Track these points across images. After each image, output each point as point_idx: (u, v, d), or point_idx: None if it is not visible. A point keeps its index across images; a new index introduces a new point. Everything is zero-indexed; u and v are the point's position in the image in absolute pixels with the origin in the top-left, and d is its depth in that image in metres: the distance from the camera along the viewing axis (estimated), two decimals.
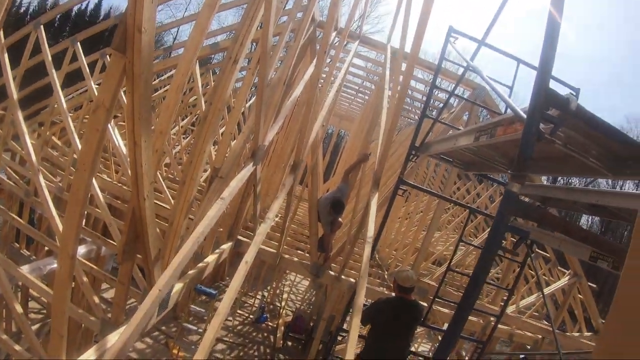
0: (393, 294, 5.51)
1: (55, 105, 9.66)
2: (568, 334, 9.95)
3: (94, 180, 5.74)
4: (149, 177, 3.47)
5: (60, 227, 5.91)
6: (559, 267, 11.77)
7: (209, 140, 4.52)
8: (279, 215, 10.31)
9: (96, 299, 4.52)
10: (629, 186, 33.80)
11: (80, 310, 4.85)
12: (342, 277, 8.32)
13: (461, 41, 6.25)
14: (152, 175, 3.56)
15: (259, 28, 5.26)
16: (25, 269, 5.46)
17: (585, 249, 3.07)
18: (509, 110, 3.17)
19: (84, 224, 7.83)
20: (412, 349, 6.58)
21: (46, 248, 8.71)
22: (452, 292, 9.65)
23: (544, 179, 7.71)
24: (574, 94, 5.07)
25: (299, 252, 10.41)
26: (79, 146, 8.19)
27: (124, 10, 2.81)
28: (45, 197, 6.36)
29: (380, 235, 6.53)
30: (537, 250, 8.86)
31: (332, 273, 8.45)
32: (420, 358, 6.92)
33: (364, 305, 5.53)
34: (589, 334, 10.01)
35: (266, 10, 4.43)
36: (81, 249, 6.40)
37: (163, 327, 10.74)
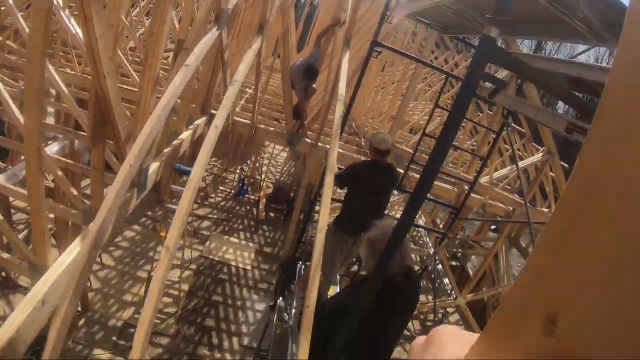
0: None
1: (3, 7, 8.79)
2: (538, 208, 10.38)
3: (56, 75, 5.43)
4: (107, 54, 3.23)
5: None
6: (533, 144, 11.95)
7: (170, 8, 4.18)
8: (251, 86, 10.08)
9: (74, 191, 4.44)
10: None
11: (61, 206, 4.80)
12: (319, 144, 8.36)
13: None
14: (110, 51, 3.31)
15: None
16: (0, 178, 5.31)
17: (562, 120, 3.02)
18: None
19: (54, 122, 7.60)
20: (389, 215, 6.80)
21: (22, 157, 8.50)
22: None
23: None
24: None
25: (275, 122, 10.35)
26: None
27: None
28: (7, 103, 6.02)
29: (354, 99, 6.40)
30: (512, 125, 8.91)
31: (308, 141, 8.47)
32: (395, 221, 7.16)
33: (339, 169, 5.58)
34: None
35: None
36: (54, 147, 6.24)
37: (149, 212, 10.91)
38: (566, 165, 10.59)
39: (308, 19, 29.93)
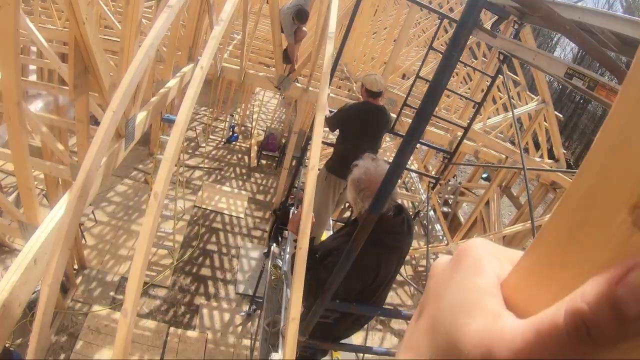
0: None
1: None
2: (530, 157, 10.36)
3: (36, 31, 5.20)
4: None
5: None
6: (528, 92, 11.80)
7: None
8: (239, 33, 9.83)
9: (60, 146, 4.34)
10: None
11: (48, 162, 4.70)
12: (310, 88, 8.22)
13: None
14: None
15: None
16: None
17: (561, 65, 2.93)
18: None
19: (37, 78, 7.38)
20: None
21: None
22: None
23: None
24: None
25: (265, 67, 10.16)
26: None
27: None
28: None
29: (345, 43, 6.22)
30: (507, 73, 8.76)
31: (299, 85, 8.33)
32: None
33: (331, 111, 5.51)
34: (550, 161, 10.42)
35: None
36: (38, 104, 6.07)
37: (140, 166, 10.82)
38: (560, 116, 10.52)
39: None
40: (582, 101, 31.44)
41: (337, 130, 5.38)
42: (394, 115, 6.47)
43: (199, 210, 10.13)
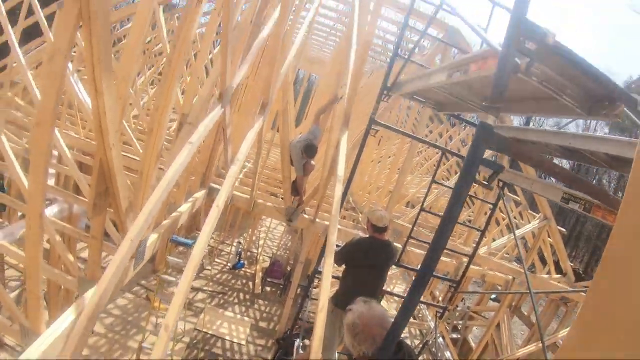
0: (367, 235, 5.54)
1: (14, 64, 9.16)
2: (538, 275, 10.31)
3: (60, 138, 5.55)
4: (114, 126, 3.34)
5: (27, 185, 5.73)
6: (529, 211, 12.04)
7: (175, 84, 4.36)
8: (251, 160, 10.24)
9: (71, 257, 4.43)
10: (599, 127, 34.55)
11: (57, 271, 4.77)
12: (317, 220, 8.37)
13: None
14: (117, 123, 3.42)
15: None
16: None
17: (557, 190, 3.08)
18: (483, 46, 3.10)
19: (54, 183, 7.67)
20: (387, 289, 6.71)
21: (19, 213, 8.51)
22: (426, 234, 9.83)
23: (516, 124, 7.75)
24: (552, 32, 5.03)
25: (273, 197, 10.42)
26: None
27: None
28: (11, 160, 6.13)
29: (352, 177, 6.50)
30: (508, 193, 9.02)
31: (306, 216, 8.49)
32: (395, 297, 7.06)
33: (337, 246, 5.56)
34: (558, 276, 10.38)
35: None
36: (53, 209, 6.27)
37: (143, 281, 10.78)
38: (563, 230, 10.60)
39: (306, 94, 30.88)
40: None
41: (343, 264, 5.43)
42: (399, 246, 6.53)
43: (199, 334, 9.85)
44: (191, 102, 5.49)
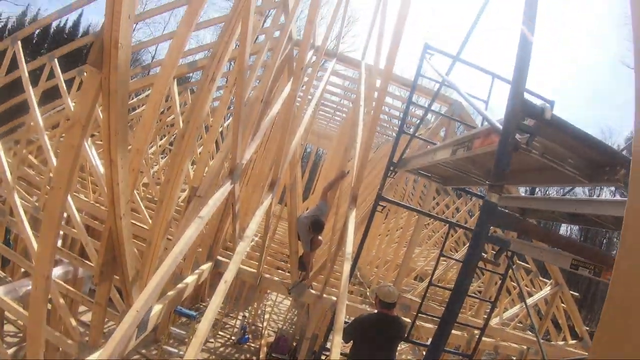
0: (375, 311, 5.47)
1: (32, 123, 9.52)
2: (553, 343, 10.01)
3: (70, 200, 5.65)
4: (126, 196, 3.42)
5: (36, 247, 5.81)
6: (541, 278, 11.86)
7: (187, 159, 4.49)
8: (259, 234, 10.24)
9: (73, 322, 4.41)
10: (605, 193, 34.54)
11: (57, 333, 4.74)
12: (324, 295, 8.27)
13: (438, 57, 6.34)
14: (129, 194, 3.51)
15: (236, 46, 5.27)
16: (0, 290, 5.32)
17: (566, 258, 3.09)
18: (485, 123, 3.21)
19: (60, 244, 7.71)
20: None
21: (22, 269, 8.51)
22: (435, 307, 9.64)
23: (521, 191, 7.80)
24: (549, 106, 5.20)
25: (280, 271, 10.34)
26: (55, 163, 8.07)
27: (101, 26, 2.81)
28: (20, 217, 6.24)
29: (360, 253, 6.51)
30: (518, 261, 8.94)
31: (313, 292, 8.39)
32: None
33: (346, 322, 5.48)
34: (574, 342, 10.07)
35: (242, 29, 4.44)
36: (58, 270, 6.28)
37: (143, 350, 10.51)
38: (577, 295, 10.35)
39: (314, 167, 31.34)
40: None
41: (352, 340, 5.34)
42: (408, 321, 6.42)
43: None
44: (201, 175, 5.62)
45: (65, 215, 7.60)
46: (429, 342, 7.59)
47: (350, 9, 26.76)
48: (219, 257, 7.49)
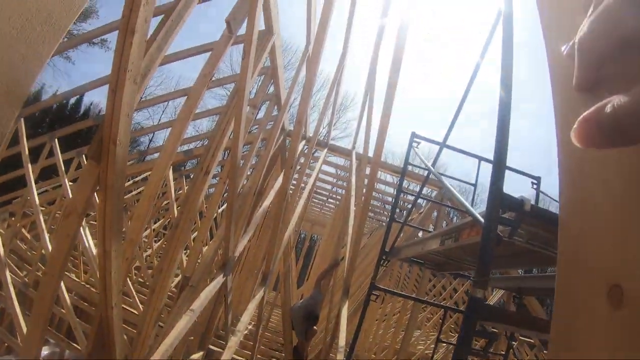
0: None
1: (28, 198, 9.59)
2: None
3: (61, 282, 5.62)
4: (118, 286, 3.43)
5: (23, 324, 5.70)
6: (545, 351, 11.50)
7: (180, 249, 4.53)
8: (252, 322, 10.04)
9: None
10: None
11: None
12: None
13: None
14: (121, 284, 3.53)
15: (230, 137, 5.47)
16: None
17: None
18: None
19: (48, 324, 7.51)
20: None
21: (6, 344, 8.31)
22: None
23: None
24: (536, 182, 5.35)
25: None
26: (48, 243, 8.06)
27: (101, 123, 2.95)
28: (10, 293, 6.16)
29: (356, 341, 6.38)
30: (520, 337, 8.73)
31: None
32: None
33: None
34: None
35: (236, 125, 4.63)
36: (44, 351, 6.13)
37: None
38: None
39: (309, 253, 31.09)
40: None
41: None
42: None
43: None
44: (194, 264, 5.62)
45: (55, 298, 7.50)
46: None
47: (342, 97, 27.86)
48: (211, 347, 7.31)
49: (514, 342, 4.82)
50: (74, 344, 6.57)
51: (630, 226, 0.51)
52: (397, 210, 7.10)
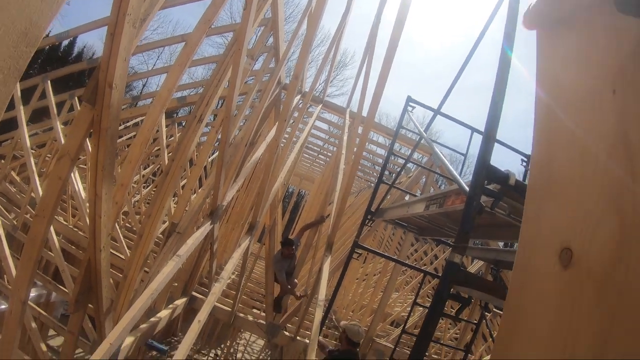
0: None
1: (19, 140, 9.54)
2: None
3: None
4: (107, 229, 3.49)
5: (12, 268, 5.78)
6: None
7: (169, 195, 4.58)
8: (235, 272, 10.20)
9: (43, 347, 4.39)
10: None
11: (26, 357, 4.70)
12: (298, 338, 8.24)
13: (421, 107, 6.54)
14: (110, 227, 3.59)
15: (226, 86, 5.45)
16: None
17: None
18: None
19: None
20: None
21: None
22: (408, 354, 9.61)
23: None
24: (526, 160, 5.40)
25: (255, 310, 10.26)
26: (38, 186, 8.07)
27: (97, 65, 2.94)
28: (2, 241, 6.22)
29: (335, 297, 6.55)
30: (494, 309, 9.02)
31: (287, 334, 8.35)
32: None
33: None
34: None
35: (233, 75, 4.61)
36: (31, 293, 6.23)
37: None
38: None
39: (295, 208, 31.34)
40: None
41: None
42: None
43: None
44: (182, 211, 5.69)
45: (45, 241, 7.55)
46: None
47: (340, 53, 27.46)
48: (194, 293, 7.47)
49: (487, 313, 4.98)
50: (61, 287, 6.66)
51: (585, 191, 0.57)
52: (387, 172, 7.13)
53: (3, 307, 7.03)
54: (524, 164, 5.47)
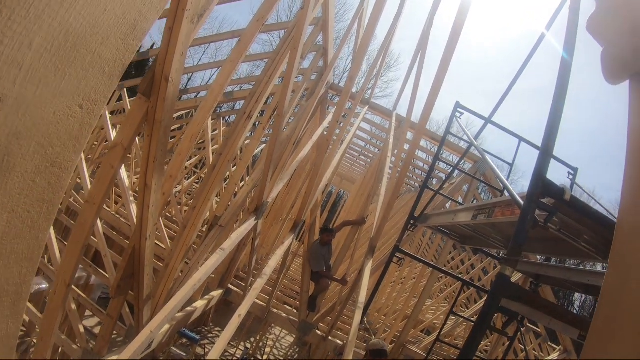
0: None
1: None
2: None
3: None
4: (154, 219, 3.57)
5: (56, 249, 5.96)
6: (549, 343, 11.59)
7: (215, 189, 4.64)
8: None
9: (81, 328, 4.52)
10: None
11: (64, 337, 4.84)
12: (329, 337, 8.23)
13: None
14: (157, 217, 3.66)
15: (276, 83, 5.48)
16: None
17: (574, 330, 3.13)
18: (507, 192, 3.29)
19: None
20: None
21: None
22: None
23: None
24: (573, 173, 5.27)
25: (287, 307, 10.30)
26: (85, 171, 8.27)
27: (155, 58, 2.99)
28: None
29: (372, 300, 6.51)
30: (528, 324, 8.80)
31: (319, 333, 8.35)
32: None
33: None
34: None
35: (287, 71, 4.64)
36: None
37: None
38: None
39: (333, 208, 31.41)
40: None
41: None
42: None
43: None
44: (225, 205, 5.76)
45: (93, 228, 7.77)
46: None
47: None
48: (230, 286, 7.56)
49: (522, 327, 4.85)
50: (101, 271, 6.83)
51: None
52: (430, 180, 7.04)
53: (43, 286, 7.26)
54: (570, 176, 5.34)
